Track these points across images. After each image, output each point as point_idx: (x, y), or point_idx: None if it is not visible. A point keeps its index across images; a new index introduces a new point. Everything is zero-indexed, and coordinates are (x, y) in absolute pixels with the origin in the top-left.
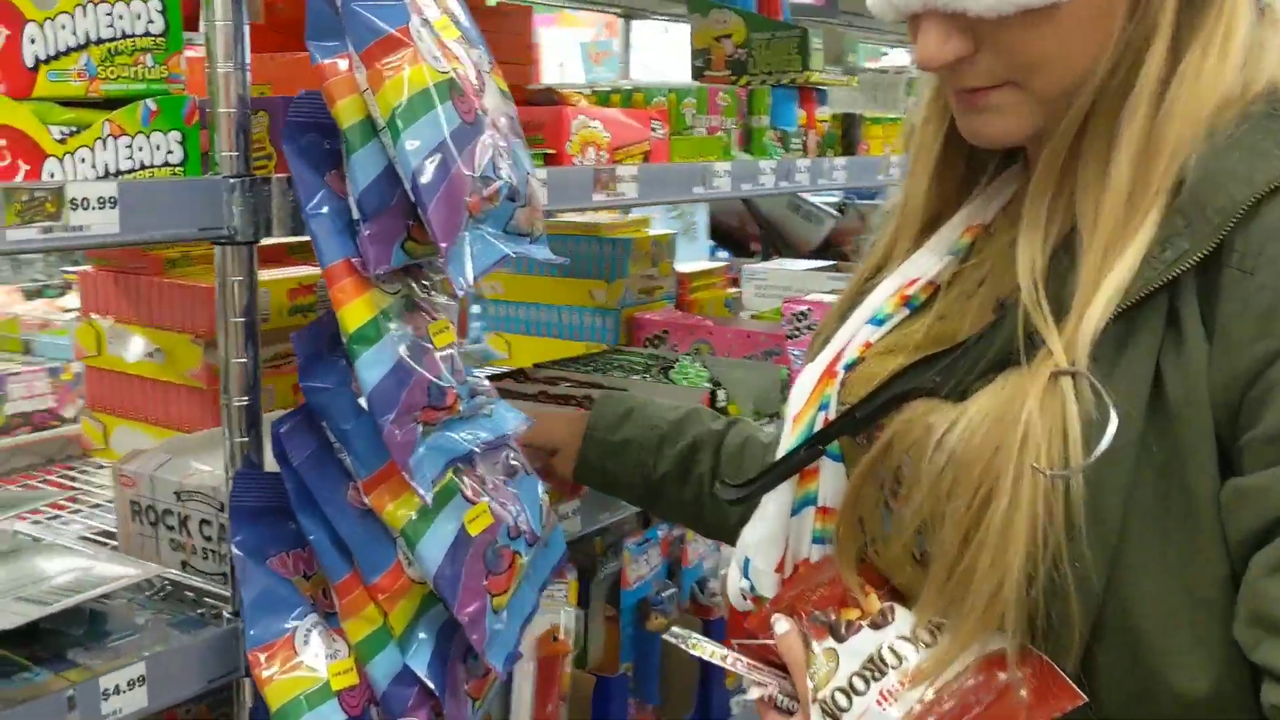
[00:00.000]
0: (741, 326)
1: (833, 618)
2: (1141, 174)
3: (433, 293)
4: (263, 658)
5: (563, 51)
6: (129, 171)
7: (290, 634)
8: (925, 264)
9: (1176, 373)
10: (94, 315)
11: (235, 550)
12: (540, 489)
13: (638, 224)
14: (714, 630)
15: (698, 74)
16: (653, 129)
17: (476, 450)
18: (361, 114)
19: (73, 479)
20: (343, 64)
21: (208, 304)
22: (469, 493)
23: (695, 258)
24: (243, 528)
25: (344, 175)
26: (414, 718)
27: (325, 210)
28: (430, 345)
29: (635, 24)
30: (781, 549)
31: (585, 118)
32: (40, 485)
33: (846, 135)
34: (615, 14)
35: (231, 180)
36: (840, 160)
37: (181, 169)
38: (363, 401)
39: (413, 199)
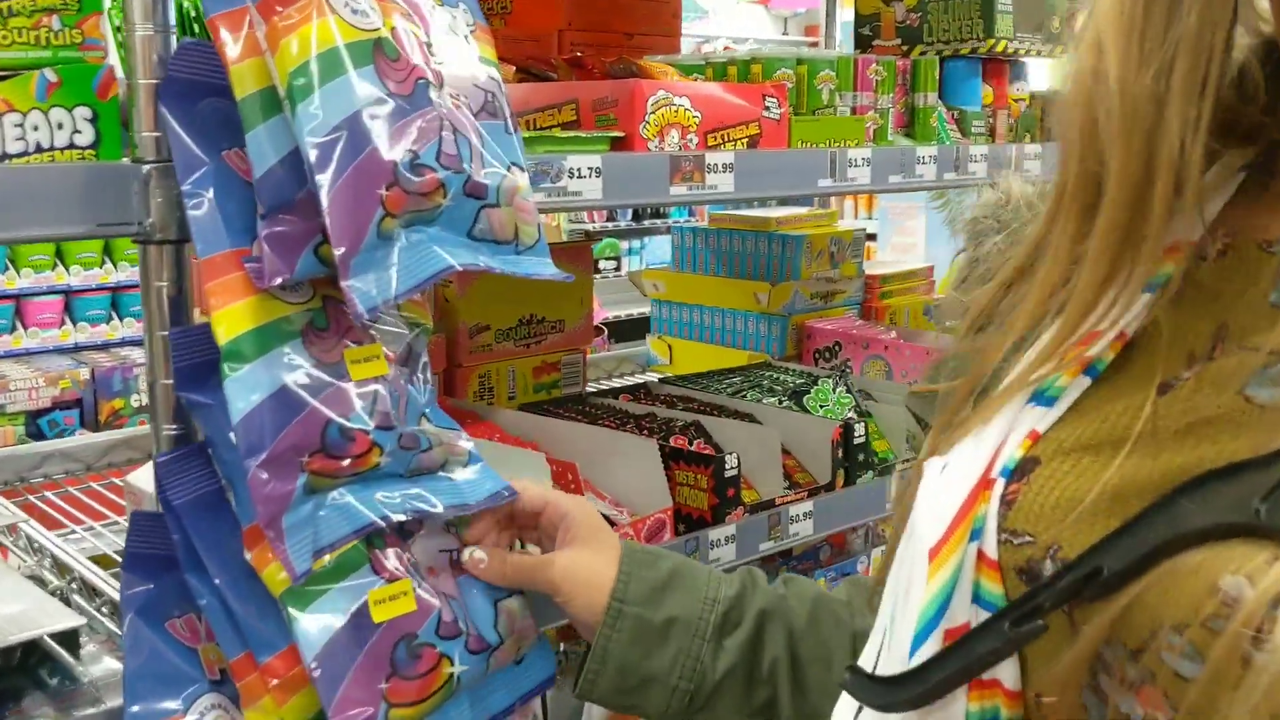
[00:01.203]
0: (928, 343)
1: None
2: None
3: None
4: None
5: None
6: (19, 155)
7: (177, 717)
8: (1110, 307)
9: None
10: None
11: (124, 608)
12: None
13: (823, 218)
14: None
15: (864, 44)
16: (766, 108)
17: (390, 521)
18: (262, 81)
19: None
20: (242, 17)
21: None
22: (385, 566)
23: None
24: (137, 580)
25: None
26: None
27: (210, 193)
28: (340, 377)
29: None
30: None
31: (668, 93)
32: None
33: (1049, 117)
34: None
35: (147, 167)
36: (1034, 147)
37: (93, 152)
38: (232, 435)
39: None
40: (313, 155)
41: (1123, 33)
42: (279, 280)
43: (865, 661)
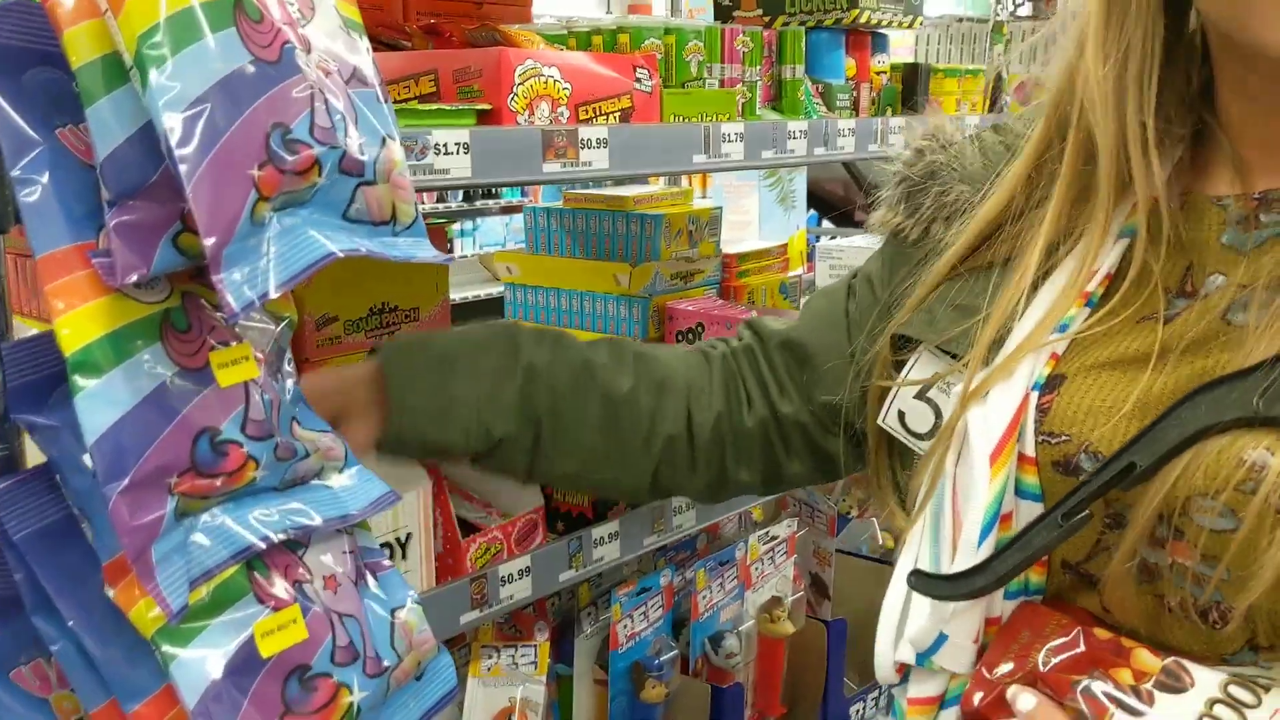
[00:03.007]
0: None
1: (1109, 684)
2: None
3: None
4: None
5: None
6: None
7: None
8: (1101, 252)
9: None
10: None
11: None
12: (408, 595)
13: (679, 196)
14: (734, 698)
15: (724, 14)
16: (637, 79)
17: (270, 541)
18: (103, 46)
19: None
20: None
21: None
22: (270, 594)
23: (791, 230)
24: None
25: None
26: None
27: (45, 178)
28: (207, 383)
29: None
30: (981, 618)
31: (536, 63)
32: None
33: (909, 90)
34: None
35: None
36: (898, 120)
37: None
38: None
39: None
40: (172, 132)
41: (1095, 35)
42: (133, 277)
43: (908, 555)
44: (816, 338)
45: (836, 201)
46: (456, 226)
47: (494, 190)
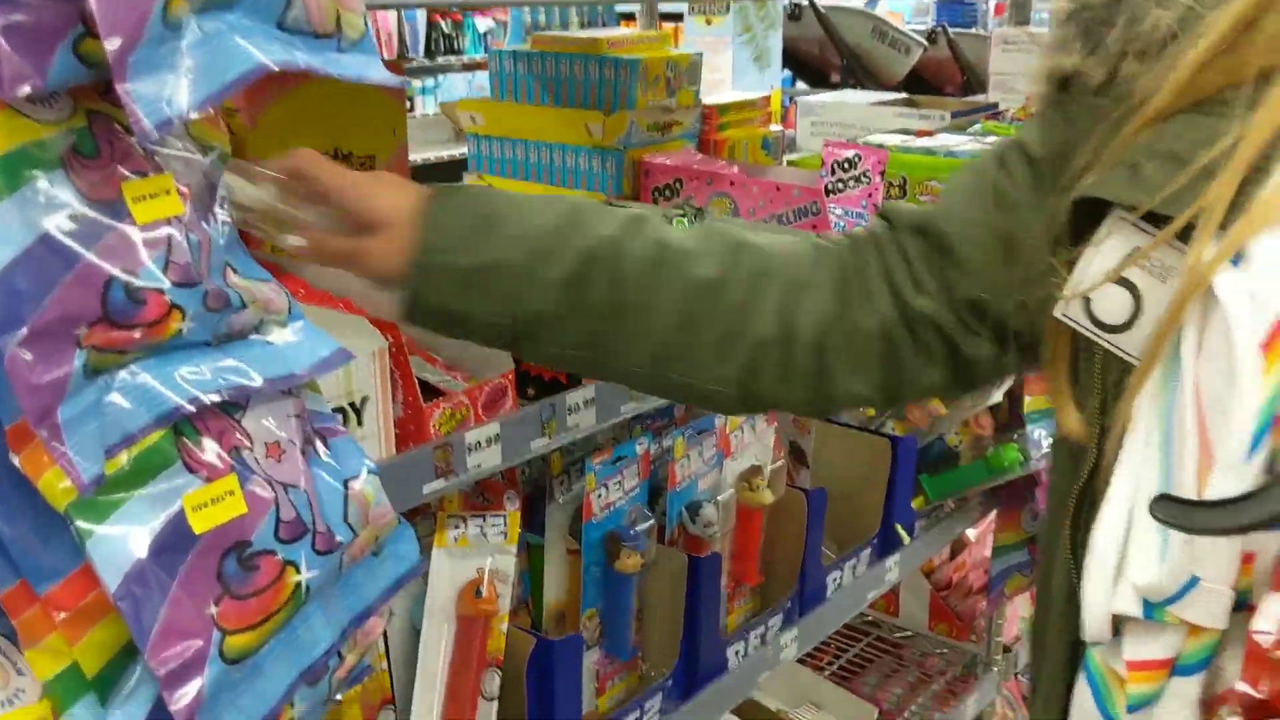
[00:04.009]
0: (774, 177)
1: None
2: None
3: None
4: None
5: None
6: None
7: None
8: None
9: None
10: None
11: None
12: (364, 465)
13: (655, 40)
14: (709, 568)
15: None
16: None
17: (201, 402)
18: None
19: None
20: None
21: None
22: (202, 461)
23: (766, 89)
24: None
25: None
26: None
27: None
28: (121, 218)
29: None
30: (1239, 552)
31: None
32: None
33: None
34: None
35: None
36: None
37: None
38: None
39: None
40: None
41: None
42: (25, 89)
43: (1127, 475)
44: (957, 219)
45: (812, 62)
46: (417, 83)
47: (456, 45)
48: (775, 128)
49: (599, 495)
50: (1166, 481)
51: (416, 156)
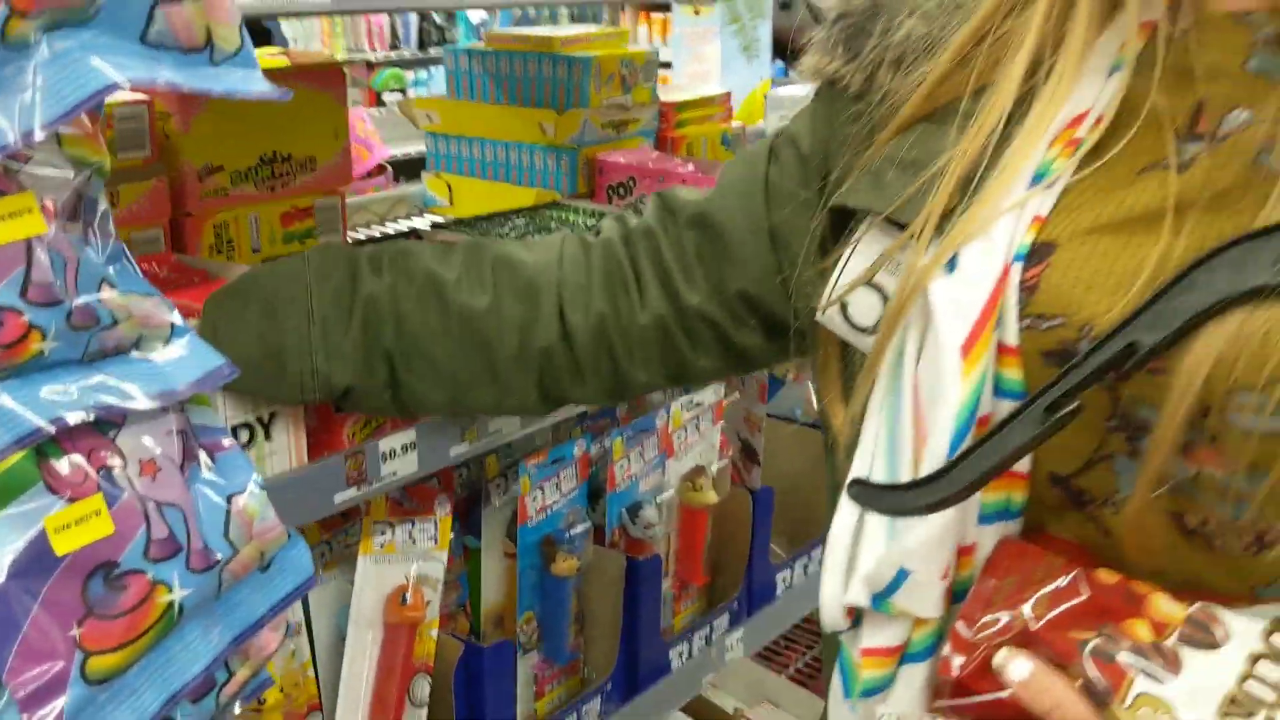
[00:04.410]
0: None
1: (1125, 644)
2: None
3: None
4: None
5: None
6: None
7: None
8: (1086, 89)
9: None
10: None
11: None
12: (250, 479)
13: (612, 37)
14: (649, 570)
15: None
16: None
17: (64, 424)
18: None
19: None
20: None
21: None
22: (65, 482)
23: (755, 81)
24: None
25: None
26: None
27: None
28: None
29: None
30: (952, 548)
31: None
32: None
33: None
34: None
35: None
36: None
37: None
38: None
39: None
40: None
41: None
42: None
43: (859, 469)
44: (730, 212)
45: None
46: (410, 75)
47: (449, 36)
48: (736, 124)
49: (534, 498)
50: (891, 474)
51: (398, 151)
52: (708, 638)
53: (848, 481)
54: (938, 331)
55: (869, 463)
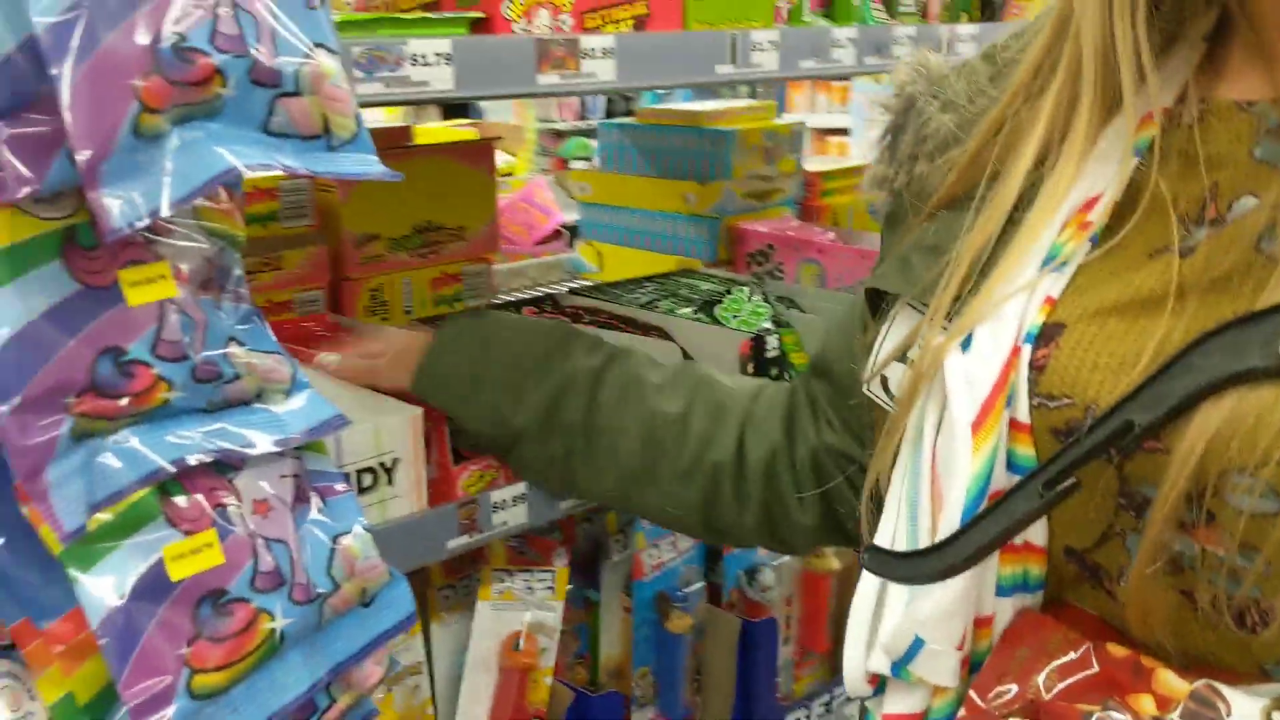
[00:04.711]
0: (865, 244)
1: (1125, 716)
2: None
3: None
4: None
5: None
6: None
7: None
8: (1099, 175)
9: None
10: None
11: None
12: (356, 522)
13: (757, 111)
14: (765, 632)
15: None
16: None
17: (184, 465)
18: None
19: None
20: None
21: None
22: (183, 516)
23: None
24: None
25: None
26: None
27: None
28: (114, 303)
29: None
30: (968, 618)
31: None
32: None
33: None
34: None
35: None
36: (969, 28)
37: None
38: None
39: None
40: (44, 39)
41: None
42: (25, 191)
43: (883, 539)
44: (837, 352)
45: None
46: (595, 144)
47: (632, 107)
48: None
49: (650, 555)
50: (912, 544)
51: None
52: (828, 705)
53: (864, 548)
54: (951, 408)
55: (891, 530)
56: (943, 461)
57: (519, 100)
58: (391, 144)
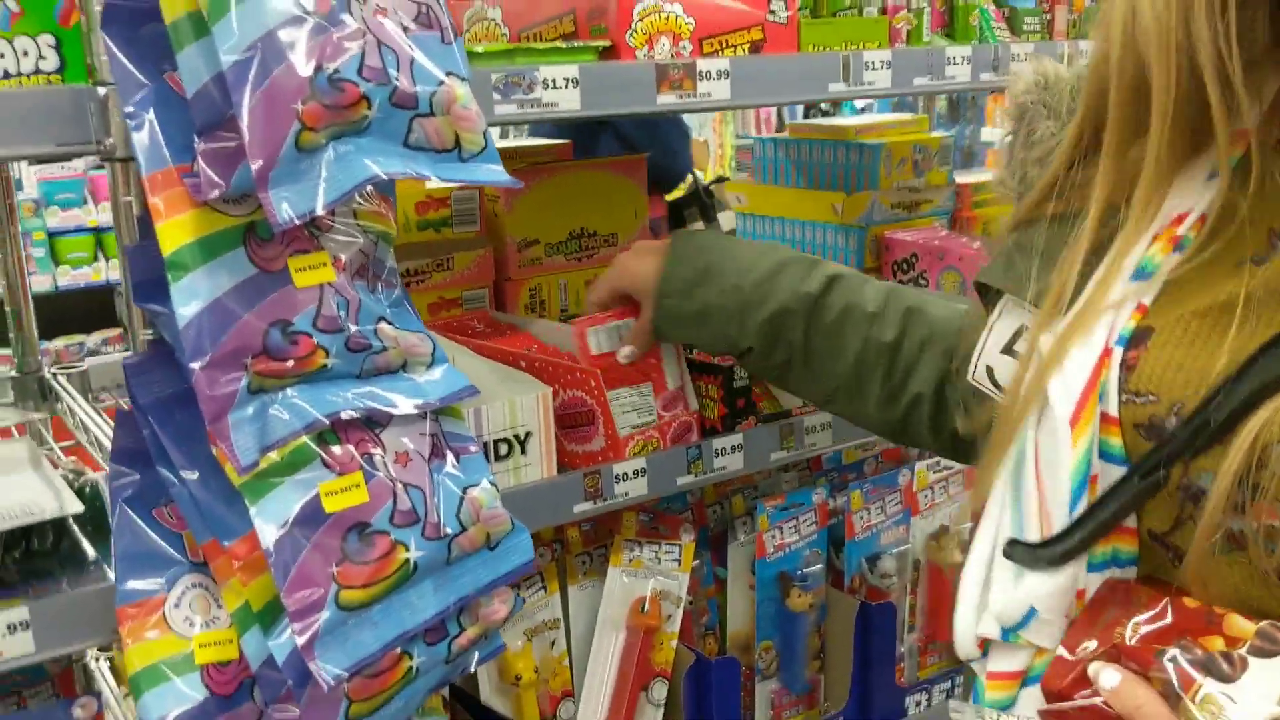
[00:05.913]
0: None
1: (1197, 653)
2: None
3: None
4: (126, 617)
5: None
6: None
7: (160, 594)
8: (1190, 192)
9: None
10: None
11: (112, 497)
12: (486, 478)
13: (908, 125)
14: (883, 615)
15: None
16: (771, 11)
17: (338, 418)
18: (189, 3)
19: None
20: None
21: None
22: (336, 460)
23: None
24: (124, 471)
25: None
26: (287, 705)
27: (150, 114)
28: (283, 284)
29: None
30: (1074, 592)
31: (657, 0)
32: None
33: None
34: None
35: (104, 89)
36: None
37: (59, 76)
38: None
39: None
40: (229, 73)
41: None
42: (215, 193)
43: (988, 525)
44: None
45: None
46: None
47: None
48: None
49: (772, 536)
50: (1018, 529)
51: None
52: (948, 691)
53: (1005, 541)
54: (1053, 408)
55: (996, 519)
56: (1045, 455)
57: (718, 115)
58: (554, 158)
